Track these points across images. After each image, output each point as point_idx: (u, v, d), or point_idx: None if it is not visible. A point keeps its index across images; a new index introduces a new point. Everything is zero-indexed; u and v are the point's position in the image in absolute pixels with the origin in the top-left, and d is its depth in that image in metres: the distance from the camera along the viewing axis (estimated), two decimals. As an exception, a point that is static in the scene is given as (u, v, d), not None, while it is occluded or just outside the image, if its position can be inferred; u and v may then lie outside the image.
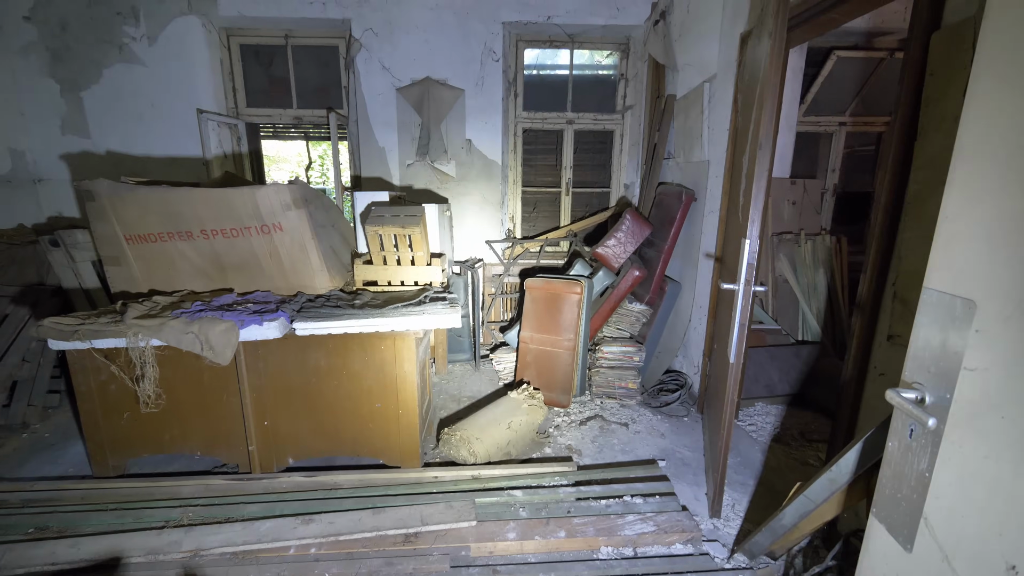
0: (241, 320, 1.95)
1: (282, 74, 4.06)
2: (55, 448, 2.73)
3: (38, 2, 3.65)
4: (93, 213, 2.36)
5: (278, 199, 2.24)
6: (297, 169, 8.50)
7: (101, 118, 3.86)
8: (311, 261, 2.39)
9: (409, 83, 3.76)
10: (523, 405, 2.62)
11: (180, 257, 2.38)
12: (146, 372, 1.90)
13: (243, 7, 3.68)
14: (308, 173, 5.68)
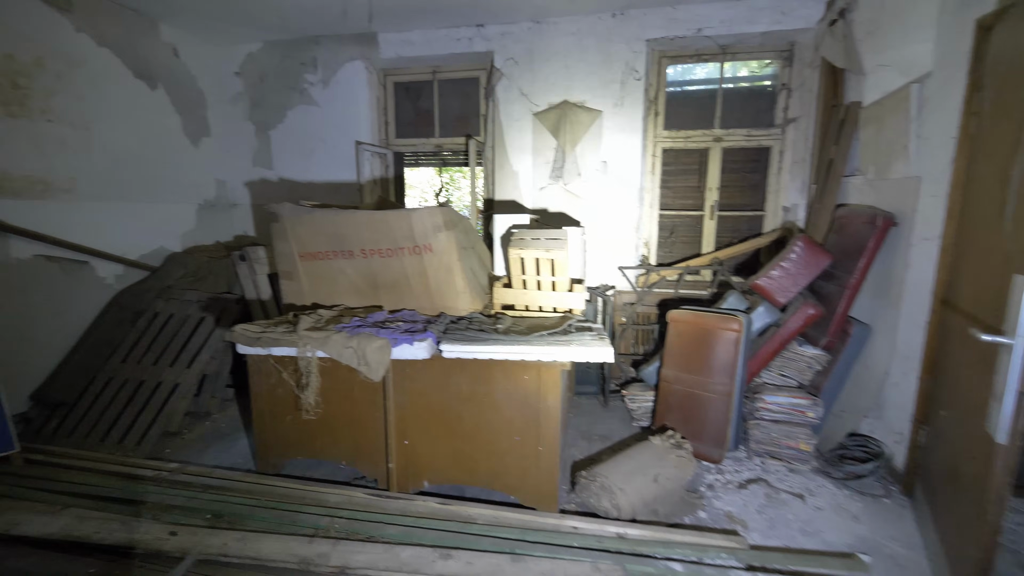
0: (394, 339, 1.98)
1: (427, 106, 4.36)
2: (229, 438, 3.08)
3: (246, 60, 4.39)
4: (276, 232, 2.65)
5: (431, 221, 2.29)
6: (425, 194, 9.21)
7: (282, 152, 4.49)
8: (456, 283, 2.40)
9: (546, 108, 3.76)
10: (669, 455, 2.29)
11: (341, 274, 2.55)
12: (310, 381, 2.02)
13: (400, 49, 4.03)
14: (437, 198, 6.03)
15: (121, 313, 3.55)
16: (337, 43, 4.14)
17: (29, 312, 3.03)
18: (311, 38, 4.17)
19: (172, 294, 3.65)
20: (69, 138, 3.25)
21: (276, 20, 3.84)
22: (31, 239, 3.00)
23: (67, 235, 3.21)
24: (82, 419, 3.01)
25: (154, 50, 3.85)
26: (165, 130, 4.00)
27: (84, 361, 3.27)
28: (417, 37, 3.97)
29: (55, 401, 3.07)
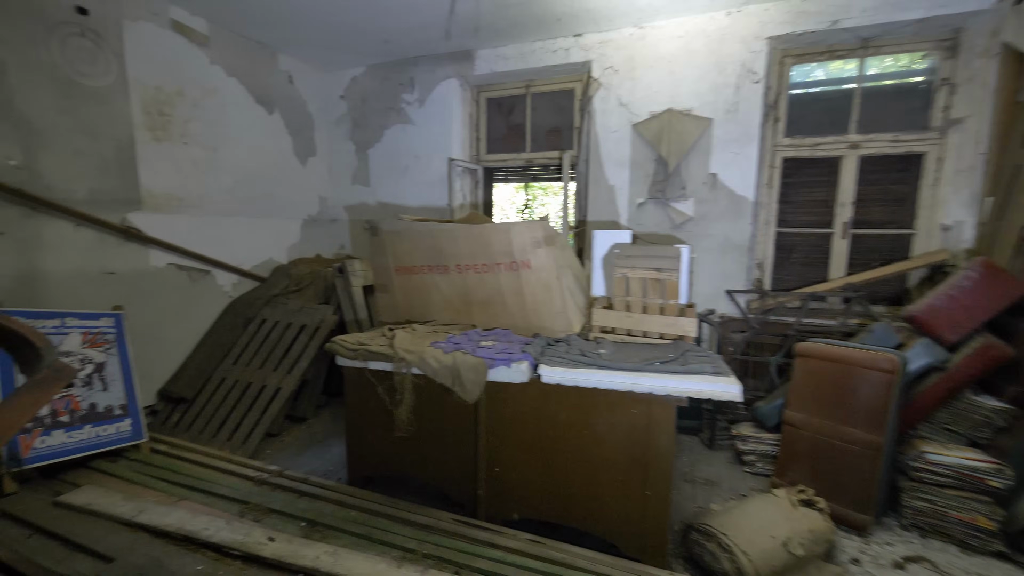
0: (491, 359, 1.90)
1: (519, 121, 4.37)
2: (322, 445, 3.20)
3: (350, 84, 4.72)
4: (374, 246, 2.73)
5: (530, 236, 2.21)
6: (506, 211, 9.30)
7: (378, 170, 4.73)
8: (553, 302, 2.28)
9: (647, 118, 3.57)
10: (800, 515, 1.96)
11: (434, 289, 2.55)
12: (404, 398, 2.00)
13: (495, 65, 4.09)
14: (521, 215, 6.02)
15: (234, 319, 3.88)
16: (434, 62, 4.30)
17: (161, 315, 3.41)
18: (410, 59, 4.38)
19: (277, 302, 3.93)
20: (200, 159, 3.66)
21: (380, 45, 4.08)
22: (166, 250, 3.39)
23: (194, 246, 3.59)
24: (198, 415, 3.30)
25: (272, 78, 4.26)
26: (279, 151, 4.38)
27: (202, 362, 3.60)
28: (511, 52, 4.00)
29: (177, 397, 3.40)
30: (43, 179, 2.69)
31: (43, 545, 2.02)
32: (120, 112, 3.08)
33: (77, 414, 2.57)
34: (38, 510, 2.21)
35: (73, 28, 2.80)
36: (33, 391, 0.81)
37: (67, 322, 2.69)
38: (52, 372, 0.85)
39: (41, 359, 0.87)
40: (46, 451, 2.39)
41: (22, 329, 0.89)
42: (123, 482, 2.48)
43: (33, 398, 0.81)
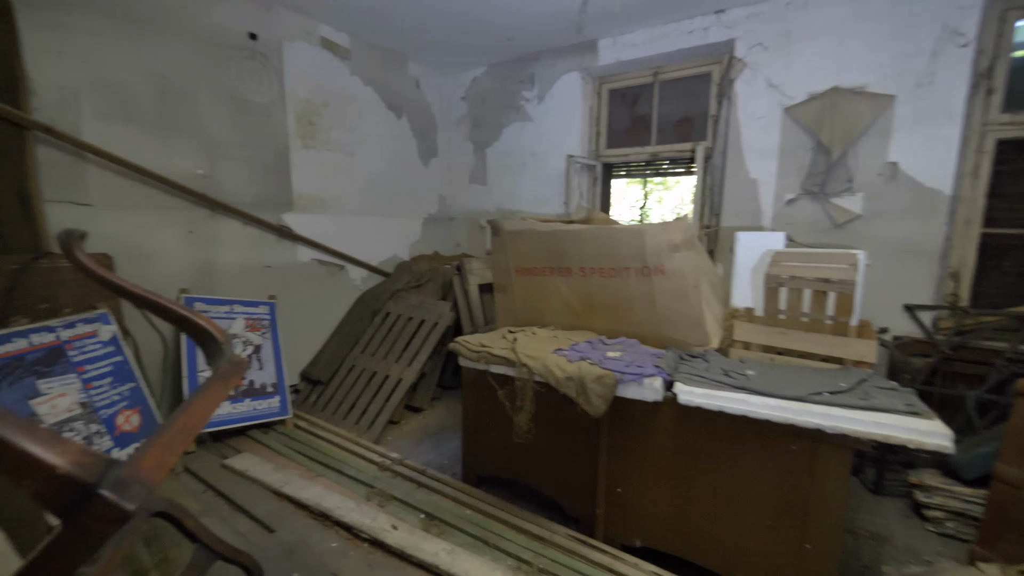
0: (619, 373, 1.76)
1: (644, 112, 4.11)
2: (437, 437, 3.33)
3: (471, 84, 4.86)
4: (496, 246, 2.74)
5: (666, 239, 2.02)
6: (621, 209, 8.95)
7: (495, 168, 4.82)
8: (689, 312, 2.07)
9: (804, 99, 3.11)
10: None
11: (555, 292, 2.48)
12: (525, 404, 1.96)
13: (620, 54, 3.89)
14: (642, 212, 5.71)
15: (363, 310, 4.24)
16: (555, 56, 4.23)
17: (305, 306, 3.83)
18: (531, 55, 4.37)
19: (400, 297, 4.20)
20: (339, 163, 4.04)
21: (503, 43, 4.12)
22: (311, 246, 3.80)
23: (332, 243, 3.97)
24: (332, 397, 3.66)
25: (402, 84, 4.54)
26: (405, 153, 4.68)
27: (336, 349, 3.98)
28: (639, 38, 3.77)
29: (315, 379, 3.80)
30: (221, 185, 3.16)
31: (214, 501, 2.36)
32: (278, 124, 3.51)
33: (240, 389, 2.99)
34: (210, 469, 2.60)
35: (245, 52, 3.24)
36: (218, 383, 0.90)
37: (234, 308, 3.14)
38: (231, 365, 0.94)
39: (222, 353, 0.96)
40: (216, 419, 2.82)
41: (209, 325, 1.00)
42: (272, 452, 2.82)
43: (218, 389, 0.90)
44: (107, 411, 2.19)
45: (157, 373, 2.85)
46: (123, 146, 2.66)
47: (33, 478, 0.55)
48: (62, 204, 2.44)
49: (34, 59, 2.34)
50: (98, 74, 2.58)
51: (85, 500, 0.58)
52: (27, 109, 2.30)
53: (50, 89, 2.40)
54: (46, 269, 2.22)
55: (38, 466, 0.56)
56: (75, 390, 2.09)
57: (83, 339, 2.20)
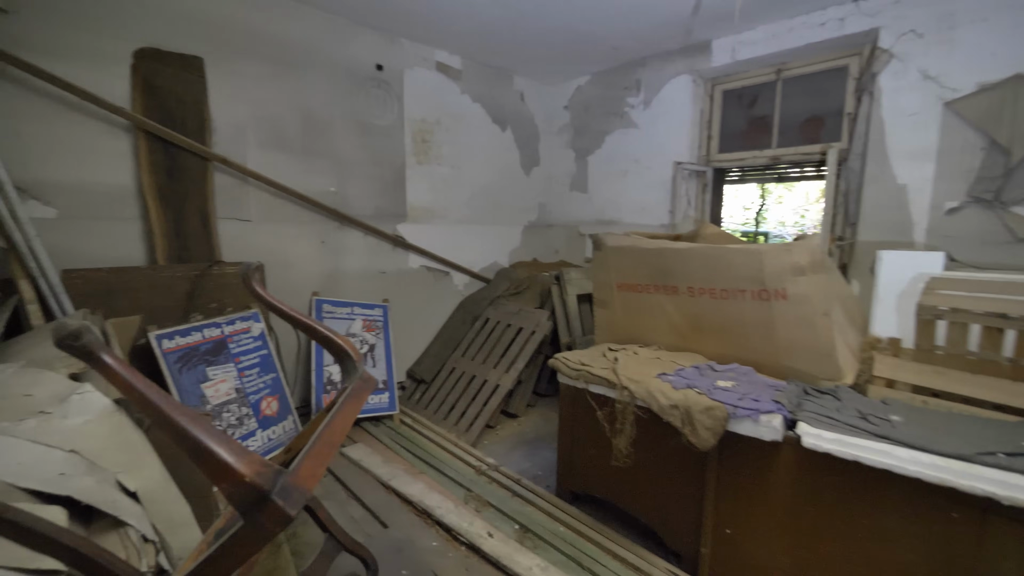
0: (732, 407, 1.62)
1: (763, 112, 3.76)
2: (531, 445, 3.35)
3: (574, 93, 4.83)
4: (596, 260, 2.69)
5: (789, 261, 1.82)
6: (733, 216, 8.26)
7: (597, 176, 4.74)
8: (817, 341, 1.84)
9: (973, 91, 2.61)
10: None
11: (659, 310, 2.36)
12: (624, 428, 1.89)
13: (737, 53, 3.60)
14: (757, 219, 5.22)
15: (464, 315, 4.42)
16: (663, 61, 4.05)
17: (413, 309, 4.10)
18: (637, 60, 4.22)
19: (499, 303, 4.31)
20: (448, 176, 4.26)
21: (608, 52, 4.04)
22: (420, 254, 4.06)
23: (438, 251, 4.20)
24: (434, 397, 3.87)
25: (508, 98, 4.67)
26: (507, 164, 4.79)
27: (439, 351, 4.21)
28: (760, 35, 3.45)
29: (419, 379, 4.05)
30: (348, 200, 3.52)
31: (332, 485, 2.62)
32: (397, 143, 3.81)
33: (357, 385, 3.30)
34: None
35: (372, 82, 3.58)
36: (352, 400, 1.00)
37: (354, 310, 3.46)
38: (363, 382, 1.04)
39: (355, 370, 1.06)
40: (338, 411, 3.14)
41: (347, 346, 1.11)
42: (381, 445, 3.06)
43: (353, 405, 0.99)
44: (254, 396, 2.56)
45: (292, 365, 3.25)
46: (275, 170, 3.10)
47: (228, 482, 0.66)
48: (230, 220, 2.92)
49: (215, 102, 2.82)
50: (260, 111, 3.03)
51: (262, 503, 0.69)
52: (209, 144, 2.78)
53: (225, 126, 2.89)
54: (216, 275, 2.69)
55: (233, 474, 0.67)
56: (232, 377, 2.48)
57: (240, 334, 2.60)
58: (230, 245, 2.92)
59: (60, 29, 2.33)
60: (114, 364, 0.67)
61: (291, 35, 3.13)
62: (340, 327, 3.34)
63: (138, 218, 2.60)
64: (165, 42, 2.63)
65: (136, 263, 2.58)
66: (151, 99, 2.56)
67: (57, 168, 2.37)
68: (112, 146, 2.51)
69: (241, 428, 2.50)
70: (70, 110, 2.39)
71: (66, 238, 2.39)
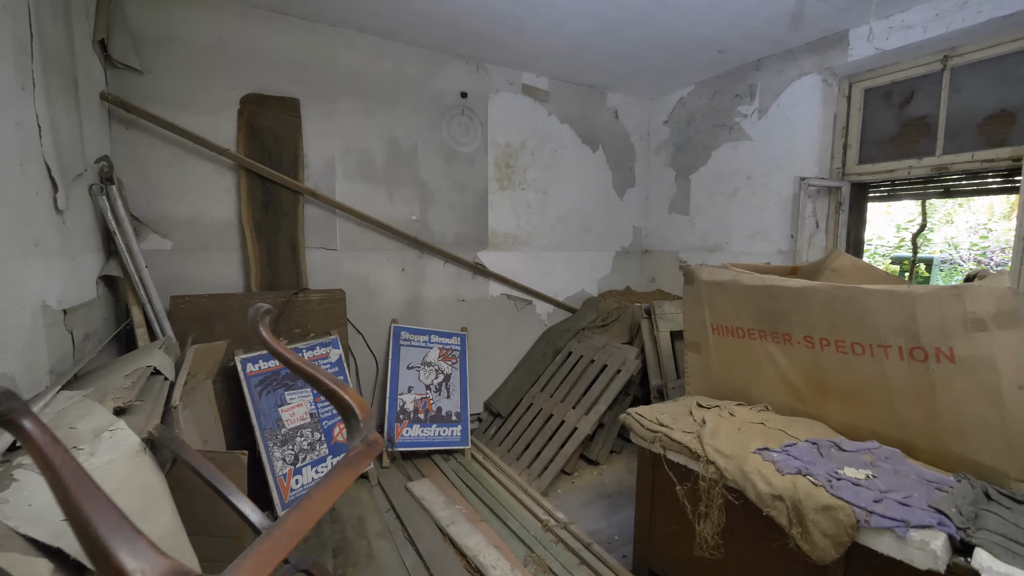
0: (865, 511, 1.18)
1: (921, 112, 3.05)
2: (610, 500, 2.98)
3: (675, 107, 4.45)
4: (688, 296, 2.32)
5: (959, 310, 1.33)
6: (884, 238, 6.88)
7: (700, 195, 4.27)
8: (1004, 426, 1.31)
9: None
10: None
11: (767, 361, 1.93)
12: (711, 513, 1.51)
13: (884, 42, 2.98)
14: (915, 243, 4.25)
15: (546, 347, 4.21)
16: (783, 61, 3.53)
17: (492, 338, 4.00)
18: (749, 64, 3.75)
19: (583, 336, 4.02)
20: (533, 201, 4.14)
21: (713, 57, 3.64)
22: (500, 282, 3.96)
23: (521, 279, 4.07)
24: (509, 433, 3.68)
25: (599, 116, 4.45)
26: (599, 186, 4.54)
27: (518, 384, 4.03)
28: (917, 16, 2.82)
29: (495, 412, 3.91)
30: (430, 228, 3.56)
31: (393, 523, 2.54)
32: (480, 169, 3.79)
33: (429, 414, 3.25)
34: (396, 488, 2.84)
35: (457, 110, 3.62)
36: (347, 468, 0.86)
37: (432, 338, 3.45)
38: (365, 446, 0.90)
39: (359, 431, 0.92)
40: (408, 440, 3.11)
41: (352, 400, 0.98)
42: (447, 482, 2.94)
43: (347, 475, 0.86)
44: (328, 422, 2.63)
45: (370, 390, 3.32)
46: (360, 200, 3.25)
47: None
48: (318, 250, 3.12)
49: (308, 139, 3.05)
50: (348, 144, 3.21)
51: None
52: (301, 178, 2.99)
53: (317, 160, 3.10)
54: (301, 301, 2.87)
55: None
56: (308, 402, 2.59)
57: (319, 359, 2.72)
58: (317, 273, 3.09)
59: (181, 83, 2.69)
60: (35, 434, 0.60)
61: (379, 70, 3.29)
62: (416, 355, 3.34)
63: (238, 248, 2.85)
64: (267, 87, 2.90)
65: (235, 290, 2.84)
66: (252, 140, 2.83)
67: (175, 205, 2.71)
68: (220, 183, 2.80)
69: (312, 453, 2.57)
70: (186, 153, 2.72)
71: (180, 267, 2.71)
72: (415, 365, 3.30)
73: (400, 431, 3.10)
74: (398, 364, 3.23)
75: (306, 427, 2.60)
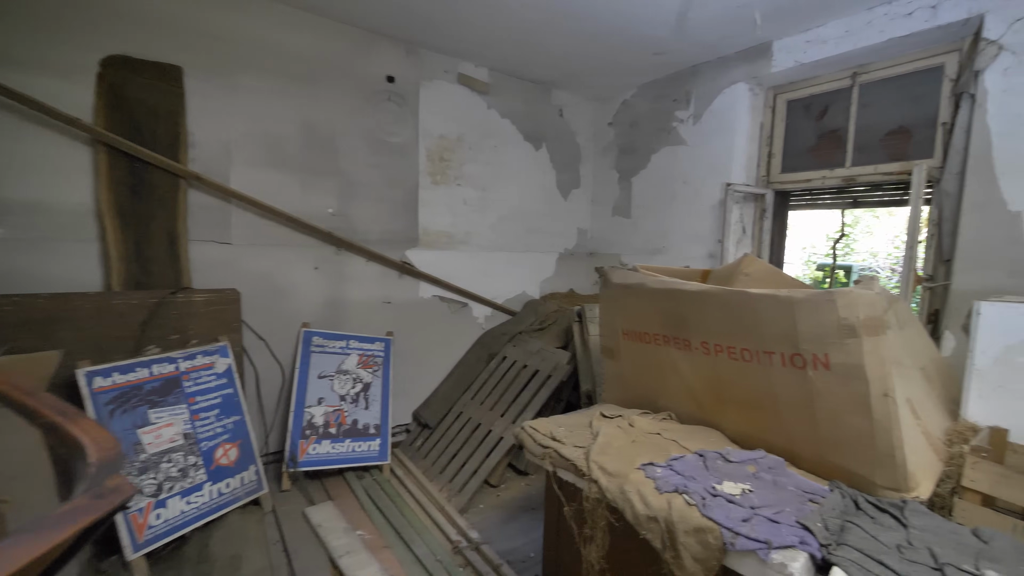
0: (731, 532, 1.18)
1: (836, 125, 3.22)
2: (534, 515, 2.87)
3: (620, 109, 4.51)
4: (603, 299, 2.32)
5: (834, 317, 1.37)
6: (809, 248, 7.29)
7: (641, 199, 4.34)
8: (875, 435, 1.35)
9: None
10: None
11: (671, 369, 1.94)
12: (595, 536, 1.49)
13: (803, 55, 3.12)
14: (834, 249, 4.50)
15: (481, 352, 4.14)
16: (717, 68, 3.64)
17: (425, 342, 3.89)
18: (687, 70, 3.85)
19: (520, 340, 3.99)
20: (471, 199, 4.07)
21: (653, 59, 3.69)
22: (431, 283, 3.87)
23: (457, 280, 3.99)
24: (436, 444, 3.58)
25: (544, 114, 4.44)
26: (542, 185, 4.53)
27: (449, 391, 3.95)
28: (832, 31, 2.97)
29: (423, 423, 3.81)
30: (352, 223, 3.41)
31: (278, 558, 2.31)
32: (411, 162, 3.68)
33: (342, 428, 3.10)
34: (292, 515, 2.62)
35: (383, 95, 3.49)
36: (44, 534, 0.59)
37: (350, 344, 3.30)
38: (90, 499, 0.63)
39: (88, 478, 0.70)
40: (315, 457, 2.94)
41: (84, 434, 0.75)
42: (356, 504, 2.79)
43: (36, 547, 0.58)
44: (208, 443, 2.41)
45: (272, 404, 3.13)
46: (266, 189, 3.00)
47: None
48: (207, 244, 2.83)
49: (199, 117, 2.76)
50: (254, 126, 2.96)
51: None
52: (184, 160, 2.67)
53: (208, 142, 2.81)
54: (181, 302, 2.59)
55: None
56: (182, 420, 2.35)
57: (200, 370, 2.48)
58: (206, 270, 2.81)
59: (23, 38, 2.29)
60: None
61: (294, 45, 3.06)
62: (331, 363, 3.18)
63: (95, 239, 2.48)
64: (141, 50, 2.56)
65: (92, 288, 2.47)
66: (117, 111, 2.48)
67: (9, 185, 2.31)
68: (71, 161, 2.41)
69: (184, 480, 2.29)
70: (24, 122, 2.32)
71: (13, 261, 2.31)
72: (328, 374, 3.14)
73: (305, 449, 2.92)
74: (307, 373, 3.05)
75: (177, 450, 2.32)
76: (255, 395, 3.01)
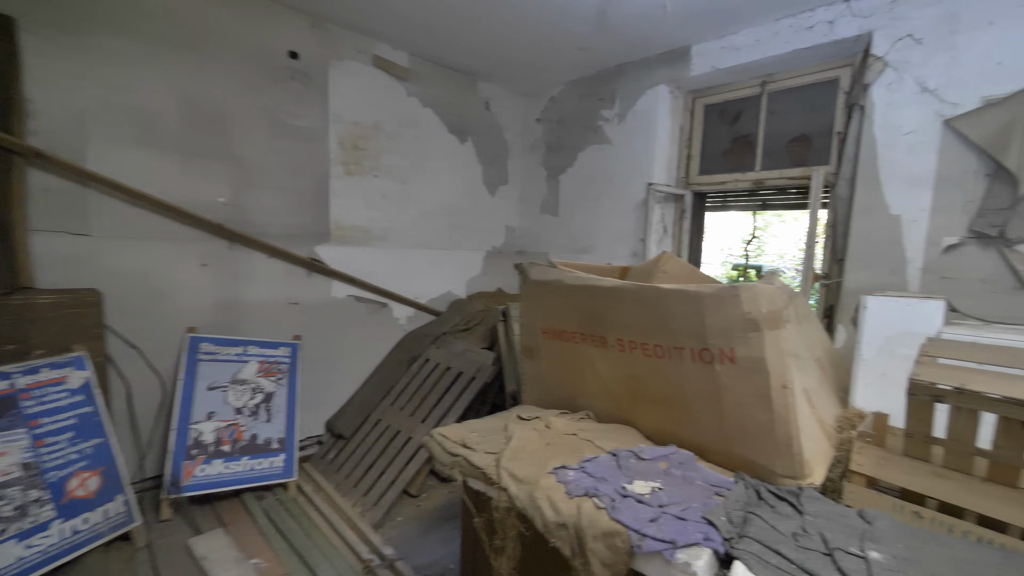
0: (639, 533, 1.18)
1: (748, 131, 3.44)
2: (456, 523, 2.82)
3: (547, 105, 4.54)
4: (522, 297, 2.29)
5: (738, 311, 1.42)
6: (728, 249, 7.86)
7: (569, 197, 4.39)
8: (774, 425, 1.42)
9: (976, 107, 2.27)
10: None
11: (588, 367, 1.95)
12: (505, 547, 1.44)
13: (719, 60, 3.30)
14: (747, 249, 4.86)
15: (402, 355, 3.99)
16: (641, 69, 3.75)
17: (338, 346, 3.67)
18: (614, 69, 3.93)
19: (444, 342, 3.89)
20: (390, 192, 3.90)
21: (584, 56, 3.74)
22: (346, 282, 3.66)
23: (376, 279, 3.80)
24: (351, 456, 3.38)
25: (469, 106, 4.36)
26: (468, 181, 4.45)
27: (366, 398, 3.76)
28: (744, 39, 3.16)
29: (338, 433, 3.59)
30: (249, 214, 3.13)
31: None
32: (319, 149, 3.44)
33: (238, 444, 2.83)
34: (172, 549, 2.34)
35: (284, 72, 3.23)
36: None
37: (248, 350, 3.03)
38: None
39: None
40: (203, 480, 2.65)
41: None
42: (254, 528, 2.55)
43: None
44: (58, 473, 2.06)
45: (150, 421, 2.78)
46: (136, 172, 2.64)
47: None
48: (57, 235, 2.43)
49: (41, 80, 2.35)
50: (114, 96, 2.57)
51: None
52: (20, 133, 2.26)
53: (56, 112, 2.41)
54: (19, 306, 2.18)
55: None
56: (19, 448, 1.97)
57: (45, 387, 2.12)
58: (54, 267, 2.41)
59: None
60: None
61: (168, 4, 2.70)
62: (224, 372, 2.89)
63: None
64: None
65: None
66: None
67: None
68: None
69: (22, 521, 1.94)
70: None
71: None
72: (221, 384, 2.84)
73: (191, 471, 2.62)
74: (193, 385, 2.74)
75: (11, 484, 1.96)
76: (125, 413, 2.65)
